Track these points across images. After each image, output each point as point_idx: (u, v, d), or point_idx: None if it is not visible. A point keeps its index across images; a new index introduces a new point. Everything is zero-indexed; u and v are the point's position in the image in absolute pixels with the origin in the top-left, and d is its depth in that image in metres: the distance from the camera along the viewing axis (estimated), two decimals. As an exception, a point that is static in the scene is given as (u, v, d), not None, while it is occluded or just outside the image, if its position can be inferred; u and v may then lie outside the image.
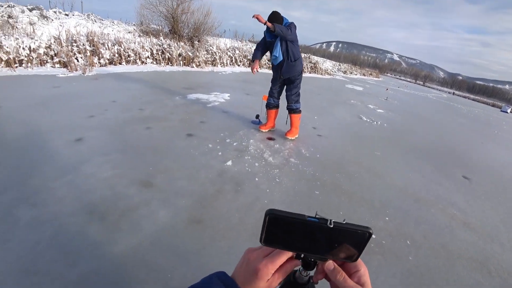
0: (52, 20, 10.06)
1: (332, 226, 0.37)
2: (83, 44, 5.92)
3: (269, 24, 3.08)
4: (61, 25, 8.16)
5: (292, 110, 3.62)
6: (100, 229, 1.60)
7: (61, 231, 1.55)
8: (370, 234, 0.38)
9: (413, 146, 4.78)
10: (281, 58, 3.34)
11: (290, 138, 3.72)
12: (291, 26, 3.20)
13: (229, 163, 2.68)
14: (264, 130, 3.84)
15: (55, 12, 11.56)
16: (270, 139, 3.61)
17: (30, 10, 10.41)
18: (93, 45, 6.12)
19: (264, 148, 3.23)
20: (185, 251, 1.58)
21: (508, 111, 28.08)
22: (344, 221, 0.38)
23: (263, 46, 3.47)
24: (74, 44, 5.77)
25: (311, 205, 2.26)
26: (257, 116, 4.15)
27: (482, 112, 18.94)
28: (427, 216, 2.49)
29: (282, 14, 3.26)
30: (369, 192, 2.69)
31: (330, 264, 0.41)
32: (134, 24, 12.38)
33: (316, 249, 0.41)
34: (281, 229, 0.40)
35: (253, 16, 3.13)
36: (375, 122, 6.02)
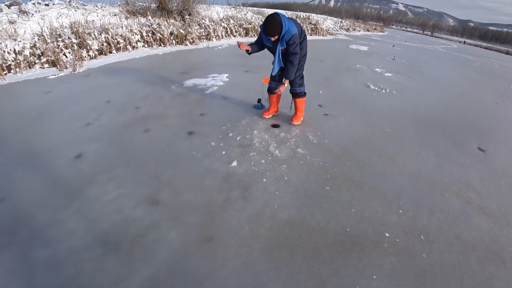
0: (33, 14, 9.48)
1: None
2: (69, 38, 5.56)
3: (285, 86, 3.17)
4: (42, 19, 7.69)
5: (296, 94, 3.41)
6: (116, 262, 1.60)
7: (80, 269, 1.55)
8: None
9: (424, 116, 4.57)
10: (282, 65, 3.13)
11: (295, 123, 3.57)
12: (295, 48, 2.90)
13: (234, 163, 2.60)
14: (267, 116, 3.69)
15: (34, 4, 10.88)
16: (274, 126, 3.48)
17: (9, 7, 9.82)
18: (79, 37, 5.75)
19: (269, 139, 3.12)
20: (201, 275, 1.57)
21: (524, 59, 26.53)
22: None
23: (260, 45, 3.15)
24: (59, 39, 5.43)
25: (322, 206, 2.21)
26: (259, 101, 3.97)
27: (495, 62, 17.88)
28: (441, 204, 2.43)
29: (280, 16, 2.79)
30: (381, 181, 2.62)
31: None
32: (119, 5, 11.59)
33: None
34: None
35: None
36: (383, 90, 5.75)
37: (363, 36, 20.45)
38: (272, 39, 2.91)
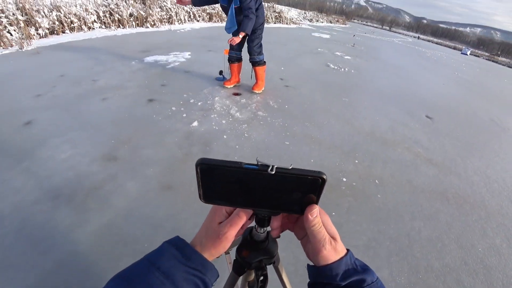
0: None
1: (274, 172, 0.31)
2: (13, 14, 4.91)
3: (239, 38, 3.03)
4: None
5: (256, 62, 3.42)
6: (69, 213, 1.49)
7: (27, 221, 1.42)
8: (324, 180, 0.32)
9: (379, 91, 4.86)
10: (235, 27, 3.05)
11: (256, 91, 3.58)
12: (248, 4, 2.86)
13: (195, 123, 2.54)
14: (229, 86, 3.66)
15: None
16: (236, 94, 3.46)
17: None
18: (26, 14, 5.10)
19: (230, 104, 3.10)
20: (159, 218, 1.52)
21: (468, 53, 29.44)
22: (290, 166, 0.31)
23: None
24: (1, 14, 4.76)
25: (282, 157, 2.25)
26: (221, 72, 3.91)
27: (444, 54, 19.55)
28: (394, 156, 2.61)
29: None
30: (339, 139, 2.74)
31: (314, 212, 0.35)
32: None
33: (263, 202, 0.35)
34: (218, 181, 0.34)
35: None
36: (342, 69, 5.99)
37: (326, 27, 21.05)
38: None
